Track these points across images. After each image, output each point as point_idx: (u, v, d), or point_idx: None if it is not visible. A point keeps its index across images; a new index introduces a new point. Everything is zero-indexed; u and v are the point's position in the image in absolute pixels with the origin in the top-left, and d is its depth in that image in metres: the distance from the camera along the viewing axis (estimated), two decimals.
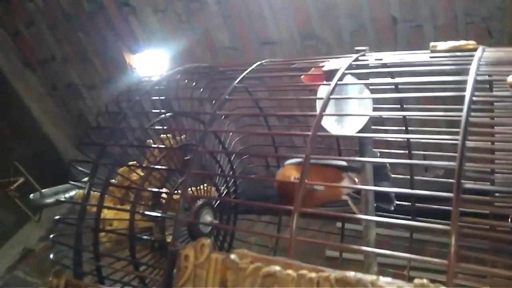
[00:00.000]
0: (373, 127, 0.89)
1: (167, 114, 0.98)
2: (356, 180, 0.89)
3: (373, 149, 0.91)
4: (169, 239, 1.03)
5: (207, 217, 1.02)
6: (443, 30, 1.62)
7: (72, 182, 0.80)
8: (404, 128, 0.95)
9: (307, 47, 1.90)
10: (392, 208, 0.91)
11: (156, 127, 0.94)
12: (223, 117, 0.85)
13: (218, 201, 1.07)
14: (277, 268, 0.54)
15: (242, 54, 2.03)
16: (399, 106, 0.94)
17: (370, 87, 0.78)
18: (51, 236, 0.73)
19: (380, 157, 0.90)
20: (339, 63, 0.70)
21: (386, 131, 0.99)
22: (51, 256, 0.69)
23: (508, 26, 1.53)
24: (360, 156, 0.84)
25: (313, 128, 0.60)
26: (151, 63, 2.17)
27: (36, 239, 2.35)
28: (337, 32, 1.81)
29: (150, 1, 2.10)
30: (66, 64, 2.56)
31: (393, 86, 0.85)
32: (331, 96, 0.63)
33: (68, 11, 2.35)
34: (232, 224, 1.24)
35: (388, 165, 0.93)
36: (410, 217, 0.98)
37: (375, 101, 0.79)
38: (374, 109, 0.80)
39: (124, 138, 0.95)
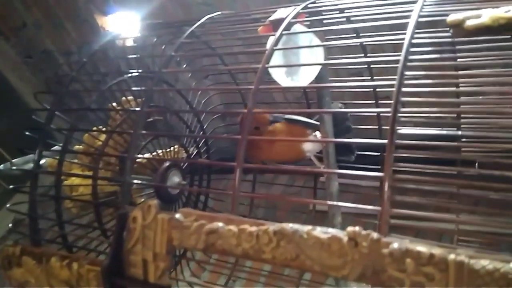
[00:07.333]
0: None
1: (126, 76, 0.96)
2: (319, 137, 0.88)
3: (336, 102, 0.90)
4: (138, 202, 1.04)
5: (175, 178, 1.02)
6: None
7: (28, 133, 0.79)
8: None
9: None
10: (353, 159, 0.90)
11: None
12: (178, 59, 0.85)
13: (186, 162, 1.07)
14: (220, 224, 0.54)
15: (215, 10, 1.96)
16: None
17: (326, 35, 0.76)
18: (7, 205, 0.72)
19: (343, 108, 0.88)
20: (286, 12, 0.67)
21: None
22: (10, 225, 0.69)
23: None
24: (319, 108, 0.82)
25: (255, 82, 0.58)
26: (123, 24, 2.10)
27: (26, 208, 2.35)
28: None
29: None
30: (39, 31, 2.48)
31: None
32: (274, 47, 0.61)
33: None
34: (207, 184, 1.24)
35: (349, 116, 0.91)
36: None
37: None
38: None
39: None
